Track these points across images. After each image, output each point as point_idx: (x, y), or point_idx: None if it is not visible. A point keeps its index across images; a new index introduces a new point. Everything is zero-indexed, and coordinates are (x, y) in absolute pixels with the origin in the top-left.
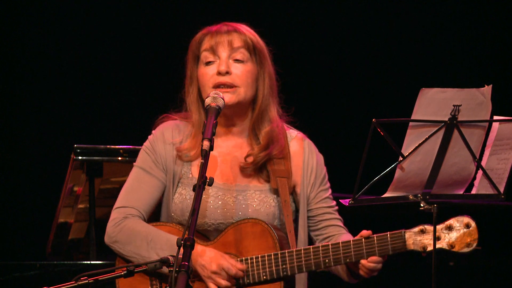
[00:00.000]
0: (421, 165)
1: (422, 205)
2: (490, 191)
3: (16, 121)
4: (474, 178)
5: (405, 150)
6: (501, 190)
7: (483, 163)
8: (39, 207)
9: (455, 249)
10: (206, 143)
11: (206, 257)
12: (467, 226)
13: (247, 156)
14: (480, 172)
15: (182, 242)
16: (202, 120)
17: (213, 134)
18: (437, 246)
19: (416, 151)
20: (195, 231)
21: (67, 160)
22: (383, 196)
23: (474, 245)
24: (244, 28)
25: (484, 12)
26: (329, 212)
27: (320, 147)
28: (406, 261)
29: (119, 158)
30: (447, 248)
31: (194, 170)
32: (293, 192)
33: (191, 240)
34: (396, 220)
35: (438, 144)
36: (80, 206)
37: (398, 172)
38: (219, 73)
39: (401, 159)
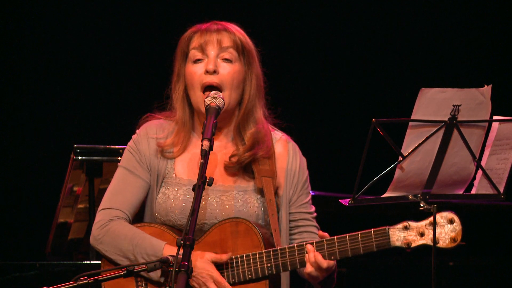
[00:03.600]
0: (421, 165)
1: (422, 205)
2: (490, 191)
3: (16, 121)
4: (474, 178)
5: (405, 150)
6: (501, 190)
7: (483, 163)
8: (39, 207)
9: (439, 245)
10: (206, 143)
11: (196, 267)
12: (451, 221)
13: (232, 156)
14: (480, 172)
15: (182, 242)
16: (186, 117)
17: (213, 134)
18: (421, 242)
19: (416, 151)
20: (189, 231)
21: (67, 160)
22: (383, 196)
23: (458, 240)
24: (234, 28)
25: (484, 12)
26: (307, 219)
27: (320, 147)
28: (406, 261)
29: (119, 158)
30: (431, 244)
31: (178, 169)
32: (275, 193)
33: (190, 240)
34: (396, 220)
35: (437, 144)
36: (80, 206)
37: (398, 172)
38: (206, 72)
39: (401, 159)
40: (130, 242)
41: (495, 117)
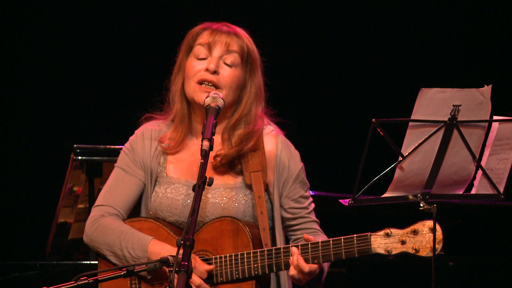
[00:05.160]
0: (420, 165)
1: (421, 205)
2: (489, 191)
3: (16, 121)
4: (474, 178)
5: (405, 150)
6: (501, 190)
7: (483, 163)
8: (39, 207)
9: (420, 254)
10: (206, 143)
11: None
12: (432, 230)
13: (216, 156)
14: (479, 172)
15: (182, 242)
16: (184, 110)
17: (213, 134)
18: (402, 250)
19: (416, 151)
20: (185, 229)
21: (67, 160)
22: (383, 196)
23: (439, 249)
24: (243, 34)
25: (484, 12)
26: (302, 216)
27: (320, 147)
28: (406, 261)
29: None
30: (412, 252)
31: (169, 168)
32: (267, 190)
33: (190, 240)
34: (395, 220)
35: (437, 144)
36: (80, 206)
37: (397, 172)
38: (207, 70)
39: (401, 159)
40: (117, 236)
41: (495, 117)
